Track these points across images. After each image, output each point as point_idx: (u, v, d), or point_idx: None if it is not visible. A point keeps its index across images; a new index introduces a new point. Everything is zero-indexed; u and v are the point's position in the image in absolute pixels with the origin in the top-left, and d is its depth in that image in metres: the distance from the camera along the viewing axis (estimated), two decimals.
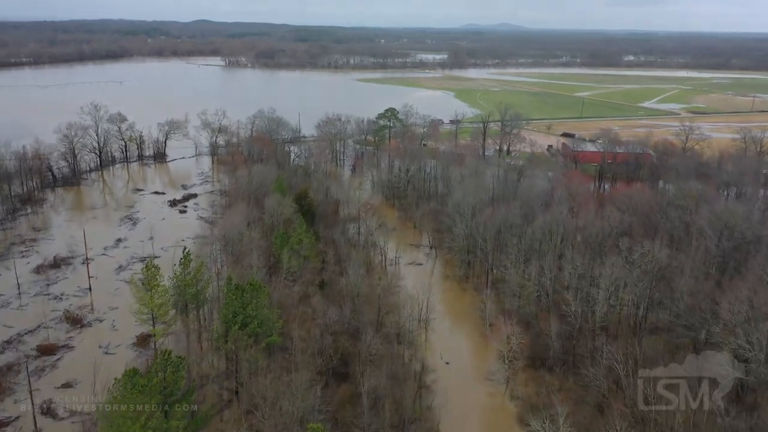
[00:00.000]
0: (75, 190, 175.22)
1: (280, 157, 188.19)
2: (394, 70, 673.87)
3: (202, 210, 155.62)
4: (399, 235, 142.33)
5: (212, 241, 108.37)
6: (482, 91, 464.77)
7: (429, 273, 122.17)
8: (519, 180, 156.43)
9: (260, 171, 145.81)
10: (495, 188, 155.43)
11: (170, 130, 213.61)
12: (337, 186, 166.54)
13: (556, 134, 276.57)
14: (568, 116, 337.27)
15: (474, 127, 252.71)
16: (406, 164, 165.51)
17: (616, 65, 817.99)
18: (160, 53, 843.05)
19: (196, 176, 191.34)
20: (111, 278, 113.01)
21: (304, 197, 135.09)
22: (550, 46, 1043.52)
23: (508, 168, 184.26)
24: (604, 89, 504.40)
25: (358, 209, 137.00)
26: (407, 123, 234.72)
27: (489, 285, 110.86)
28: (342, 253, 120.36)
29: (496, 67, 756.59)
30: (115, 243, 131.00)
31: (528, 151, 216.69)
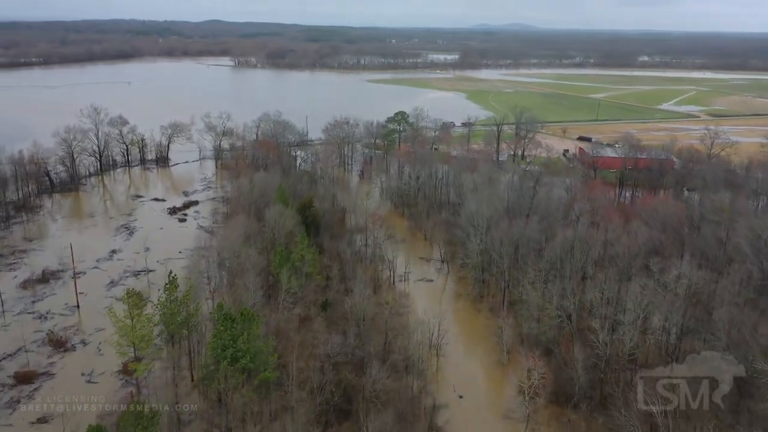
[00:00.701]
0: (73, 196, 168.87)
1: (285, 162, 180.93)
2: (405, 71, 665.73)
3: (203, 219, 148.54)
4: (408, 247, 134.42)
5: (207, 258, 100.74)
6: (494, 93, 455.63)
7: (440, 290, 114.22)
8: (535, 188, 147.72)
9: (262, 179, 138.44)
10: (510, 198, 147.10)
11: (173, 133, 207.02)
12: (344, 193, 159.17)
13: (571, 138, 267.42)
14: (583, 119, 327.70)
15: (487, 130, 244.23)
16: (417, 171, 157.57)
17: (630, 66, 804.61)
18: (170, 53, 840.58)
19: (198, 182, 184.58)
20: (101, 295, 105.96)
21: (308, 207, 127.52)
22: (562, 46, 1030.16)
23: (523, 175, 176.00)
24: (618, 90, 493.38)
25: (366, 220, 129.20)
26: (418, 126, 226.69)
27: (505, 306, 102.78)
28: (347, 268, 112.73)
29: (508, 68, 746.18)
30: (108, 255, 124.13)
31: (543, 156, 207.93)
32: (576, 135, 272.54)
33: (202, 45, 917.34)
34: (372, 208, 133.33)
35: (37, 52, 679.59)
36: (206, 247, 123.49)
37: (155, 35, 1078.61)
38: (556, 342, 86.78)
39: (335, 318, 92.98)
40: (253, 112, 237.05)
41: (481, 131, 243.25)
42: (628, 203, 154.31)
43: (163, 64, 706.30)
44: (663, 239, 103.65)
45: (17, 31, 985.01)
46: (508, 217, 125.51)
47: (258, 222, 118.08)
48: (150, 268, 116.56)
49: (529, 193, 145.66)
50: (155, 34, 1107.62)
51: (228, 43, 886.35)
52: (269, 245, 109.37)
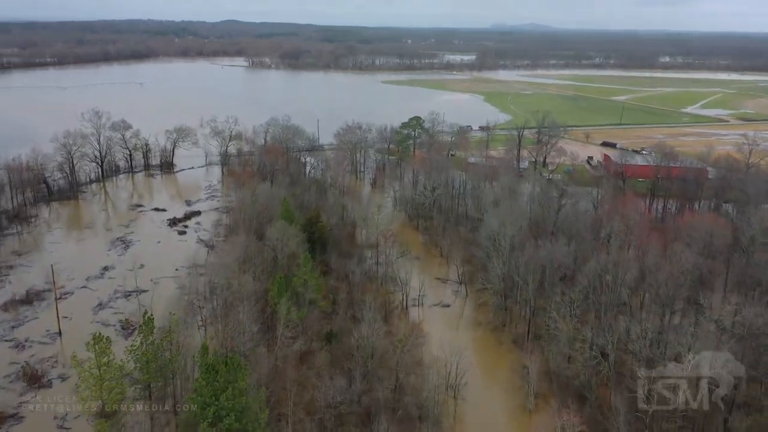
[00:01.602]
0: (71, 204, 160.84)
1: (293, 169, 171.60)
2: (421, 72, 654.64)
3: (203, 231, 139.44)
4: (423, 265, 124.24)
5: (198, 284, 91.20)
6: (513, 95, 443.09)
7: (458, 317, 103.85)
8: (560, 201, 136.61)
9: (266, 191, 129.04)
10: (533, 211, 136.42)
11: (178, 137, 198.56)
12: (355, 204, 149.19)
13: (594, 143, 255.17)
14: (605, 122, 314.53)
15: (506, 134, 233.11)
16: (432, 181, 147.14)
17: (651, 67, 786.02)
18: (185, 53, 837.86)
19: (203, 189, 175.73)
20: (87, 319, 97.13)
21: (315, 222, 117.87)
22: (579, 46, 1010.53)
23: (546, 185, 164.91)
24: (641, 93, 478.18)
25: (377, 236, 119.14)
26: (434, 131, 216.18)
27: (530, 337, 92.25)
28: (356, 292, 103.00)
29: (526, 69, 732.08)
30: (100, 272, 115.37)
31: (567, 163, 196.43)
32: (599, 140, 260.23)
33: (217, 45, 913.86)
34: (384, 224, 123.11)
35: (51, 52, 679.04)
36: (203, 265, 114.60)
37: (171, 35, 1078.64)
38: (590, 386, 76.12)
39: (341, 353, 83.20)
40: (263, 115, 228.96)
41: (501, 136, 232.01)
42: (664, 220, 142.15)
43: (178, 65, 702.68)
44: (709, 265, 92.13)
45: (35, 31, 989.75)
46: (533, 236, 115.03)
47: (259, 241, 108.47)
48: (142, 288, 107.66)
49: (554, 206, 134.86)
50: (172, 34, 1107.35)
51: (243, 43, 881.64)
52: (270, 267, 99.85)
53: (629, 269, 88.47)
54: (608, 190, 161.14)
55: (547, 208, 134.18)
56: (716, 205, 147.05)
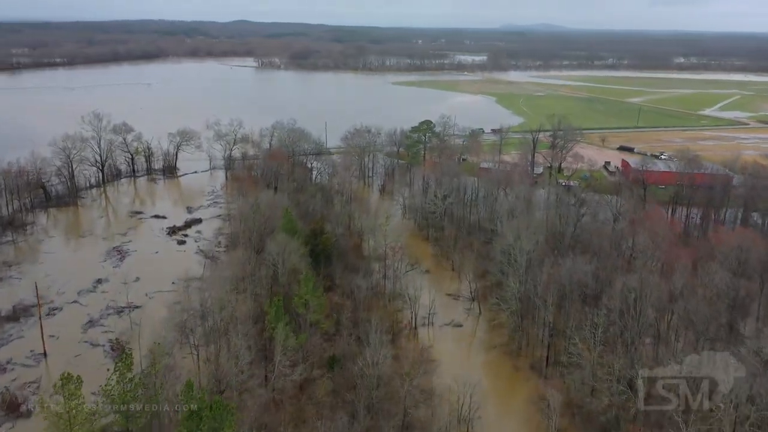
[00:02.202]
0: (69, 210, 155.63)
1: (298, 175, 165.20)
2: (431, 72, 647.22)
3: (204, 240, 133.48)
4: (434, 279, 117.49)
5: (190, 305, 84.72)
6: (525, 96, 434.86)
7: (470, 338, 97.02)
8: (579, 211, 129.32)
9: (268, 200, 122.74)
10: (550, 222, 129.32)
11: (181, 141, 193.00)
12: (363, 212, 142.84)
13: (611, 147, 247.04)
14: (621, 125, 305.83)
15: (519, 137, 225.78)
16: (443, 189, 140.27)
17: (666, 68, 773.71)
18: (194, 53, 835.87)
19: (205, 195, 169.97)
20: (75, 338, 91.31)
21: (319, 233, 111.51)
22: (592, 47, 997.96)
23: (562, 192, 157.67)
24: (656, 94, 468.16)
25: (385, 248, 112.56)
26: (445, 135, 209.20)
27: (550, 362, 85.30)
28: (361, 310, 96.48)
29: (538, 70, 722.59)
30: (93, 285, 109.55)
31: (583, 168, 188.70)
32: (616, 144, 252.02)
33: (226, 45, 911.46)
34: (392, 235, 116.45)
35: (61, 52, 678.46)
36: (201, 278, 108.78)
37: (182, 35, 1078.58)
38: (617, 423, 69.09)
39: (344, 381, 76.69)
40: (270, 117, 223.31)
41: (514, 139, 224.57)
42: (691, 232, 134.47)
43: (187, 65, 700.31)
44: (747, 288, 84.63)
45: (48, 31, 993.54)
46: (551, 251, 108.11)
47: (258, 254, 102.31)
48: (136, 304, 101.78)
49: (572, 217, 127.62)
50: (182, 34, 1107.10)
51: (252, 43, 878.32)
52: (270, 284, 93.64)
53: (657, 291, 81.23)
54: (628, 198, 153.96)
55: (565, 219, 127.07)
56: (744, 215, 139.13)
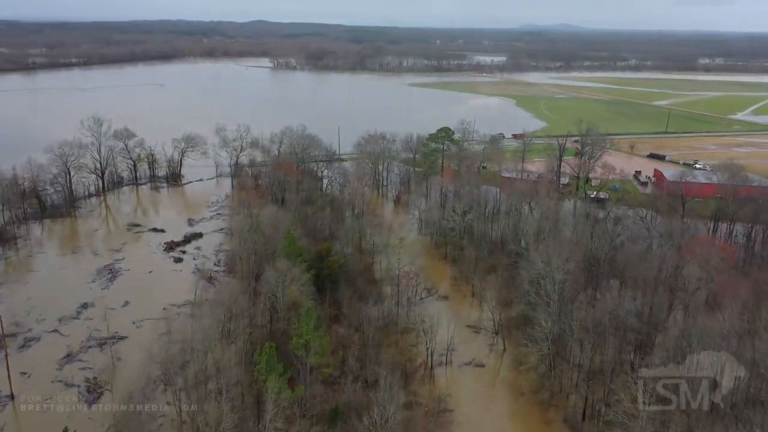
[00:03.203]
0: (65, 222, 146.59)
1: (307, 186, 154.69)
2: (449, 74, 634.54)
3: (203, 258, 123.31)
4: (452, 306, 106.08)
5: (168, 355, 73.66)
6: (546, 99, 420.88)
7: (494, 380, 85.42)
8: (613, 231, 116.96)
9: (271, 215, 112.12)
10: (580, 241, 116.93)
11: (186, 147, 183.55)
12: (375, 227, 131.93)
13: (640, 154, 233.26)
14: (649, 131, 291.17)
15: (541, 143, 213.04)
16: (463, 204, 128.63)
17: (691, 69, 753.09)
18: (211, 54, 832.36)
19: (209, 206, 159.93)
20: (48, 376, 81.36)
21: (325, 256, 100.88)
22: (613, 47, 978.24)
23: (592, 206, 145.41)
24: (683, 97, 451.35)
25: (398, 273, 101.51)
26: (463, 145, 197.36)
27: (587, 417, 73.50)
28: (371, 345, 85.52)
29: (559, 71, 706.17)
30: (77, 310, 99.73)
31: (612, 178, 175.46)
32: (644, 151, 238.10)
33: (242, 46, 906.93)
34: (406, 257, 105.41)
35: (77, 52, 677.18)
36: (197, 302, 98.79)
37: (199, 35, 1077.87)
38: None
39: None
40: (281, 119, 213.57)
41: (537, 145, 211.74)
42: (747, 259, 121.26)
43: (202, 65, 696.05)
44: None
45: (66, 31, 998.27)
46: (585, 278, 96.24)
47: (258, 280, 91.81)
48: (121, 334, 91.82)
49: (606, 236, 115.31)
50: (200, 34, 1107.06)
51: (268, 43, 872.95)
52: (269, 317, 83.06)
53: (719, 337, 68.98)
54: (665, 215, 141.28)
55: (599, 239, 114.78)
56: None
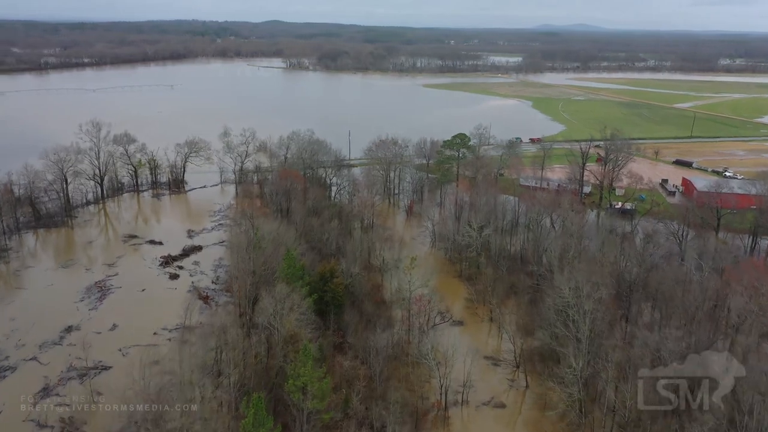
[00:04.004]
0: (60, 232, 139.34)
1: (315, 194, 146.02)
2: (464, 74, 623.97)
3: (201, 274, 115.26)
4: (468, 333, 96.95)
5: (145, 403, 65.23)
6: (564, 101, 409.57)
7: (515, 422, 76.14)
8: (646, 248, 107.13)
9: (272, 231, 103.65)
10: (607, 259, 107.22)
11: (190, 152, 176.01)
12: (385, 241, 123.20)
13: (665, 160, 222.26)
14: (672, 135, 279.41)
15: (561, 148, 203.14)
16: (479, 218, 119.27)
17: (711, 70, 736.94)
18: (223, 54, 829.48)
19: (211, 215, 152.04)
20: (20, 414, 73.33)
21: (329, 277, 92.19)
22: (632, 48, 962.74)
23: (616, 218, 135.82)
24: (705, 99, 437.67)
25: (409, 298, 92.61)
26: (479, 152, 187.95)
27: None
28: (378, 381, 76.79)
29: (576, 72, 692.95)
30: (60, 334, 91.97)
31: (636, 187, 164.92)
32: (669, 157, 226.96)
33: (255, 46, 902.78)
34: (418, 278, 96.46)
35: (91, 52, 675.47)
36: (190, 326, 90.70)
37: (213, 36, 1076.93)
38: None
39: None
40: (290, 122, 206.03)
41: (557, 150, 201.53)
42: None
43: (215, 66, 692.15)
44: None
45: (83, 32, 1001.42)
46: (616, 304, 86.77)
47: (254, 306, 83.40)
48: (105, 364, 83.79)
49: (636, 255, 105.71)
50: (213, 34, 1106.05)
51: (281, 44, 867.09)
52: (266, 351, 74.54)
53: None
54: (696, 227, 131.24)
55: (629, 259, 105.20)
56: None
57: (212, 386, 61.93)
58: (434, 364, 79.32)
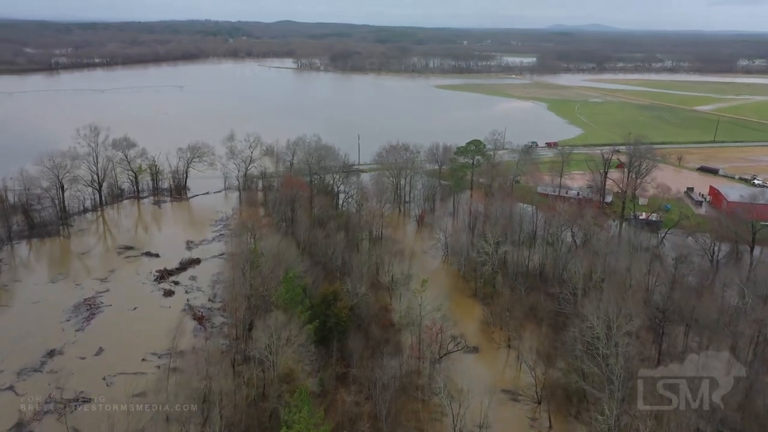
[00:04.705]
0: (54, 242, 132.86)
1: (322, 202, 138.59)
2: (477, 75, 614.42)
3: (197, 291, 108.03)
4: (484, 362, 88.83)
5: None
6: (580, 103, 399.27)
7: None
8: (677, 269, 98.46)
9: (273, 247, 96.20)
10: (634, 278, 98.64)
11: (192, 157, 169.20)
12: (394, 254, 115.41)
13: (688, 167, 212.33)
14: (694, 139, 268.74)
15: (579, 153, 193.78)
16: (496, 233, 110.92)
17: (731, 71, 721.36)
18: (235, 54, 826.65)
19: (213, 224, 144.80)
20: None
21: (333, 300, 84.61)
22: (647, 48, 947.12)
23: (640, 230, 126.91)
24: (726, 101, 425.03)
25: (419, 325, 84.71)
26: (496, 150, 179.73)
27: None
28: (385, 421, 69.01)
29: (591, 73, 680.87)
30: (42, 359, 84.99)
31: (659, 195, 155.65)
32: (693, 163, 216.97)
33: (267, 46, 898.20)
34: (430, 300, 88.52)
35: (102, 53, 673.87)
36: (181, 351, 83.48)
37: (226, 36, 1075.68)
38: None
39: None
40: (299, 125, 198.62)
41: (575, 155, 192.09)
42: None
43: (225, 66, 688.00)
44: None
45: (96, 32, 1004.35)
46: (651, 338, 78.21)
47: (249, 332, 75.96)
48: (86, 395, 76.56)
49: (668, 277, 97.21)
50: (226, 34, 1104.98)
51: (293, 44, 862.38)
52: (258, 388, 66.96)
53: None
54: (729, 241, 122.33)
55: (659, 277, 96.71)
56: None
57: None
58: (447, 401, 71.34)
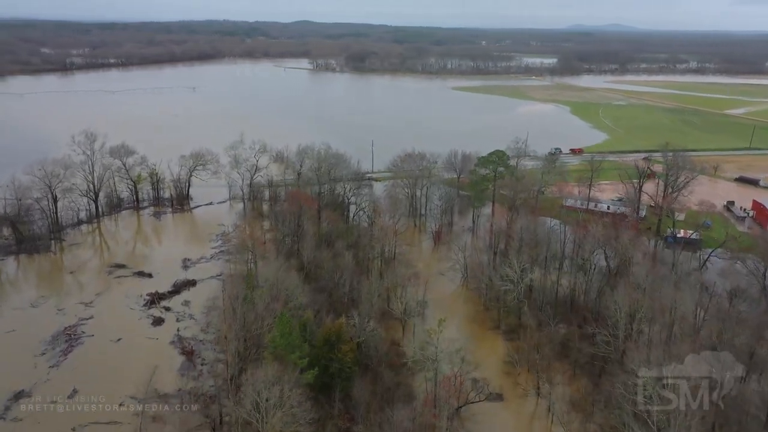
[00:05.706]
0: (42, 259, 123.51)
1: (330, 216, 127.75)
2: (496, 76, 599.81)
3: (190, 319, 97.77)
4: (509, 412, 77.27)
5: None
6: (604, 106, 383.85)
7: None
8: (732, 304, 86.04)
9: (272, 273, 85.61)
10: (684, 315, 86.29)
11: (195, 165, 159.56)
12: (408, 279, 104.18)
13: (725, 177, 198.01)
14: (728, 146, 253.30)
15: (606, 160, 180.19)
16: (522, 257, 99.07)
17: (759, 72, 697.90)
18: (251, 54, 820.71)
19: (214, 238, 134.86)
20: None
21: (336, 341, 73.64)
22: (670, 49, 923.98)
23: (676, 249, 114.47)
24: (759, 104, 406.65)
25: (435, 375, 73.40)
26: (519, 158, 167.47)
27: None
28: None
29: (614, 74, 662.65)
30: (6, 404, 75.14)
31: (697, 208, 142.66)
32: (730, 173, 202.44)
33: (283, 46, 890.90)
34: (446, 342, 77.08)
35: (118, 53, 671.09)
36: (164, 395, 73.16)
37: (242, 36, 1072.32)
38: None
39: None
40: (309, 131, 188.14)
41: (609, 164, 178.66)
42: None
43: (241, 67, 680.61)
44: None
45: (114, 32, 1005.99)
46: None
47: (239, 378, 65.26)
48: None
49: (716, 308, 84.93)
50: (243, 34, 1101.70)
51: (309, 44, 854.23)
52: None
53: None
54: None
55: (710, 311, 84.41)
56: None
57: None
58: None
